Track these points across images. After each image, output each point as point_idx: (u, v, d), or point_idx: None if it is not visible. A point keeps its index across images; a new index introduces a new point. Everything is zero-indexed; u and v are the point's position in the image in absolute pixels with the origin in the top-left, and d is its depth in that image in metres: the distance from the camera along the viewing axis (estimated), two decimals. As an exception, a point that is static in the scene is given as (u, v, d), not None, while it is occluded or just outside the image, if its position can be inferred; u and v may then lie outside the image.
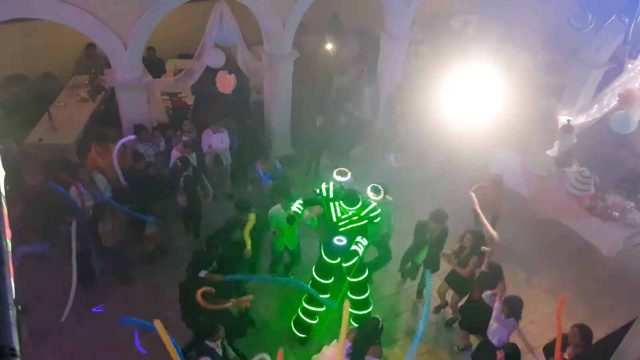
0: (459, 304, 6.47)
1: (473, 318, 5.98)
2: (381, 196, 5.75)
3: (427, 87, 9.17)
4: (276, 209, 6.56)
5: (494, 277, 5.73)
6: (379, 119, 10.64)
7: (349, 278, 5.93)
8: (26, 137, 8.61)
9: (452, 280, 6.50)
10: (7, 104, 9.10)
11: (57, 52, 10.22)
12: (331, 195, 5.70)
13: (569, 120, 8.87)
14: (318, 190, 5.80)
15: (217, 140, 8.19)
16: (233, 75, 8.63)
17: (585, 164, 8.52)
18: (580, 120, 9.06)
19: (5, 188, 1.68)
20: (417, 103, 9.59)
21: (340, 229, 5.67)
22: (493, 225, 7.83)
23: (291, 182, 7.92)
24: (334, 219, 5.67)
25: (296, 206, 5.74)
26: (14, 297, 1.44)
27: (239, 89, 9.37)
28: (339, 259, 5.90)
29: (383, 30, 9.78)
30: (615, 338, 4.97)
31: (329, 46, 10.48)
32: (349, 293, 6.08)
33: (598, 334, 5.65)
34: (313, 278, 6.10)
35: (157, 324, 4.40)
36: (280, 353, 4.68)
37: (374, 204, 5.68)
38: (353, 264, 5.73)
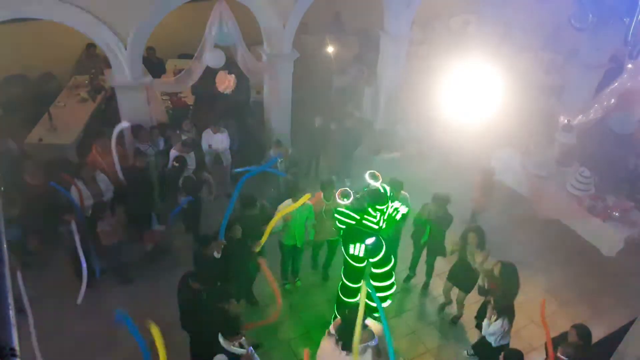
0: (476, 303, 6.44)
1: None
2: (380, 180, 5.51)
3: (427, 88, 9.18)
4: (287, 205, 6.40)
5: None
6: (378, 119, 10.64)
7: (372, 269, 5.77)
8: (26, 137, 8.61)
9: (455, 278, 6.52)
10: (7, 104, 9.11)
11: (57, 52, 10.22)
12: (357, 217, 5.41)
13: (569, 120, 8.88)
14: (344, 226, 5.52)
15: (217, 140, 8.20)
16: (233, 75, 8.64)
17: (585, 164, 8.52)
18: (580, 120, 9.06)
19: (0, 189, 1.68)
20: (417, 103, 9.59)
21: (384, 229, 5.59)
22: (473, 220, 7.72)
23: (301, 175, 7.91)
24: (376, 227, 5.45)
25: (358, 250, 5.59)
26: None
27: (239, 89, 9.38)
28: (365, 262, 5.77)
29: (383, 31, 9.78)
30: (615, 338, 4.97)
31: (329, 46, 10.48)
32: (371, 280, 5.90)
33: (598, 334, 5.66)
34: (343, 283, 6.00)
35: (153, 327, 4.35)
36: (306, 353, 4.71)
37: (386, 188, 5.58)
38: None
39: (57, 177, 6.86)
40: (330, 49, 10.45)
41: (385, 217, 5.57)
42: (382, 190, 5.47)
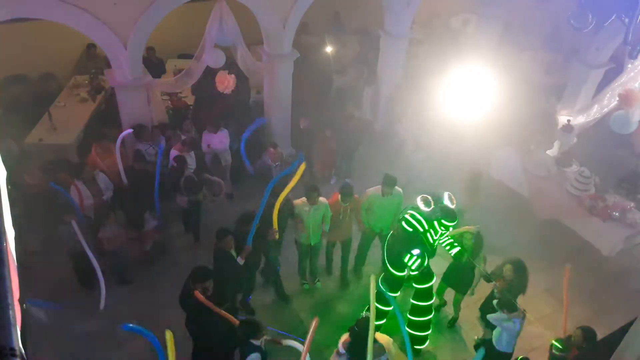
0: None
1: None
2: (432, 206, 5.56)
3: (427, 87, 9.17)
4: (302, 202, 6.46)
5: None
6: (378, 119, 10.64)
7: (414, 284, 6.01)
8: (26, 137, 8.61)
9: (450, 280, 6.51)
10: (7, 104, 9.10)
11: (57, 52, 10.22)
12: (426, 226, 5.56)
13: (569, 120, 8.87)
14: (410, 229, 5.61)
15: (217, 140, 8.20)
16: (233, 75, 8.64)
17: (585, 164, 8.52)
18: (580, 120, 9.05)
19: (7, 188, 1.68)
20: (417, 103, 9.59)
21: (436, 248, 5.73)
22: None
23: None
24: (434, 245, 5.69)
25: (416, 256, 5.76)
26: (16, 296, 1.44)
27: (239, 89, 9.38)
28: (405, 271, 5.89)
29: (383, 30, 9.78)
30: (615, 338, 4.96)
31: (329, 46, 10.47)
32: (412, 299, 6.19)
33: (598, 334, 5.66)
34: (379, 290, 6.06)
35: (168, 335, 4.36)
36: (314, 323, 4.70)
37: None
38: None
39: (57, 177, 6.86)
40: (330, 49, 10.44)
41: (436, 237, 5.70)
42: (453, 211, 5.53)
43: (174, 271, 6.89)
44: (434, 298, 6.29)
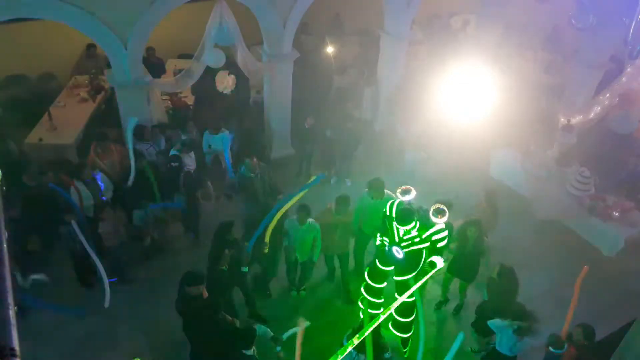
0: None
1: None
2: (445, 217, 5.38)
3: (427, 88, 9.17)
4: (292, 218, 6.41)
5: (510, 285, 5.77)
6: (378, 120, 10.64)
7: (396, 295, 5.79)
8: (26, 137, 8.61)
9: (455, 269, 6.52)
10: (7, 104, 9.10)
11: (57, 52, 10.22)
12: (393, 214, 5.47)
13: (569, 120, 8.88)
14: (384, 210, 5.66)
15: (217, 141, 8.19)
16: (233, 75, 8.64)
17: (585, 164, 8.52)
18: (580, 120, 9.06)
19: (2, 189, 1.68)
20: (417, 104, 9.59)
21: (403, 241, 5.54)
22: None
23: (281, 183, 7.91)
24: (396, 239, 5.47)
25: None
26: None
27: (239, 89, 9.39)
28: (392, 267, 5.82)
29: (383, 31, 9.78)
30: (615, 338, 4.97)
31: (329, 46, 10.48)
32: (394, 312, 5.91)
33: (598, 334, 5.66)
34: (366, 283, 6.08)
35: None
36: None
37: (439, 226, 5.41)
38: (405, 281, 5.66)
39: (57, 177, 6.86)
40: (330, 49, 10.45)
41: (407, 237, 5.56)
42: (409, 213, 5.35)
43: (174, 271, 6.85)
44: (414, 315, 6.01)
